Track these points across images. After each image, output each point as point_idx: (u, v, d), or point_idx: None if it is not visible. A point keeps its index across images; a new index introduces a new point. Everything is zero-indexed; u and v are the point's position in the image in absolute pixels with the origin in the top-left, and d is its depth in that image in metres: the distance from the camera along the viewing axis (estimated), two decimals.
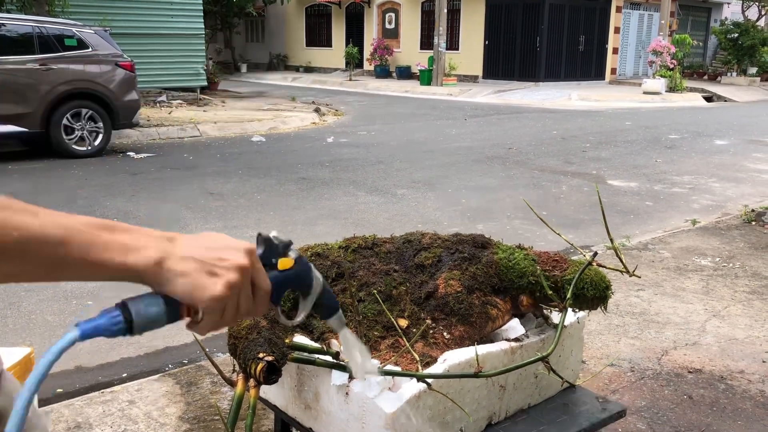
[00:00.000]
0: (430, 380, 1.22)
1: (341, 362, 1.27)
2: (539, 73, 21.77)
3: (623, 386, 2.88)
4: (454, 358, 1.29)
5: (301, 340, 1.35)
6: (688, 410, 2.69)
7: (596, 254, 1.42)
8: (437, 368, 1.27)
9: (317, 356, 1.31)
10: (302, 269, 0.82)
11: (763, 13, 26.44)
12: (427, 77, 21.13)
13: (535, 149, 9.68)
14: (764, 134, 11.89)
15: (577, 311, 1.50)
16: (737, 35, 24.12)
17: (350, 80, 23.31)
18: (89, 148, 8.68)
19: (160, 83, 14.74)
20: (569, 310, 1.42)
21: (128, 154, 8.90)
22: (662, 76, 19.15)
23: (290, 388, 1.41)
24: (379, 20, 26.08)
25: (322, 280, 0.86)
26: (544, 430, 1.40)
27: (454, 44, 23.28)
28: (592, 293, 1.41)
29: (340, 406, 1.29)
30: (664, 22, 20.88)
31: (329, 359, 1.29)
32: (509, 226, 5.65)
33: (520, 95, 18.88)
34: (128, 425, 2.49)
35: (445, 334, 1.39)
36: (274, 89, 20.80)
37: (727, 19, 26.73)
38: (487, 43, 22.88)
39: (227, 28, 26.46)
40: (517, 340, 1.42)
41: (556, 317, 1.52)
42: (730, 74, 24.30)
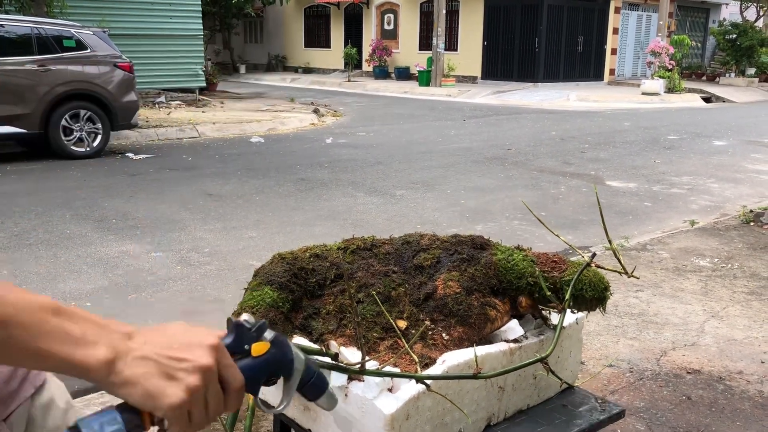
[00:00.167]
0: (429, 381, 1.22)
1: (340, 363, 1.27)
2: (538, 73, 21.79)
3: (622, 387, 2.88)
4: (453, 359, 1.29)
5: (299, 341, 1.35)
6: (686, 411, 2.70)
7: (595, 255, 1.42)
8: (436, 369, 1.27)
9: (316, 357, 1.30)
10: (280, 351, 0.76)
11: (761, 14, 26.47)
12: (425, 78, 21.14)
13: (533, 150, 9.68)
14: (762, 135, 11.91)
15: (575, 312, 1.50)
16: (735, 36, 24.15)
17: (349, 81, 23.32)
18: (88, 149, 8.67)
19: (158, 84, 14.75)
20: (568, 311, 1.42)
21: (127, 155, 8.90)
22: (661, 76, 19.17)
23: None
24: (377, 21, 26.09)
25: (304, 357, 0.80)
26: (543, 431, 1.40)
27: (452, 45, 23.30)
28: (590, 294, 1.41)
29: (339, 407, 1.29)
30: (662, 22, 20.90)
31: (328, 360, 1.29)
32: (508, 226, 5.65)
33: (518, 96, 18.89)
34: None
35: (444, 335, 1.39)
36: (272, 90, 20.80)
37: (725, 20, 26.77)
38: (485, 44, 22.90)
39: (226, 29, 26.47)
40: (516, 341, 1.42)
41: (554, 318, 1.52)
42: (728, 75, 24.33)
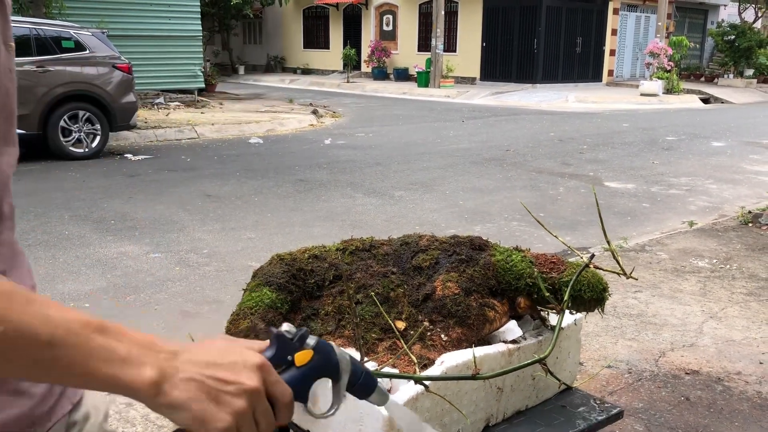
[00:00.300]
0: (427, 382, 1.22)
1: None
2: (536, 75, 21.81)
3: (621, 388, 2.88)
4: (451, 360, 1.29)
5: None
6: (685, 412, 2.70)
7: (593, 256, 1.42)
8: (435, 370, 1.27)
9: None
10: (324, 357, 0.75)
11: (759, 15, 26.51)
12: (424, 79, 21.14)
13: (532, 151, 9.69)
14: (761, 136, 11.92)
15: (574, 313, 1.50)
16: (734, 37, 24.18)
17: (348, 82, 23.32)
18: (86, 150, 8.67)
19: (157, 85, 14.74)
20: (566, 312, 1.43)
21: (126, 156, 8.89)
22: (659, 77, 19.19)
23: None
24: (376, 22, 26.10)
25: (349, 358, 0.79)
26: (541, 431, 1.40)
27: (451, 46, 23.31)
28: (589, 295, 1.41)
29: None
30: (661, 24, 20.92)
31: None
32: (507, 227, 5.65)
33: (517, 97, 18.90)
34: (126, 428, 2.48)
35: (442, 336, 1.39)
36: (271, 91, 20.80)
37: (723, 21, 26.80)
38: (484, 45, 22.91)
39: (225, 30, 26.47)
40: (514, 342, 1.42)
41: (553, 319, 1.52)
42: (726, 76, 24.34)
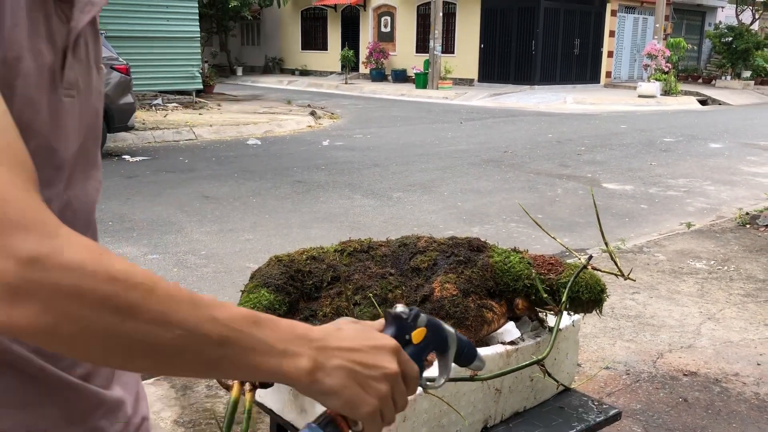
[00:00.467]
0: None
1: None
2: (534, 76, 21.83)
3: (619, 389, 2.89)
4: None
5: None
6: (683, 413, 2.70)
7: (591, 257, 1.42)
8: (432, 371, 1.27)
9: None
10: (436, 333, 0.78)
11: (756, 17, 26.57)
12: (422, 80, 21.16)
13: (530, 152, 9.70)
14: (758, 137, 11.94)
15: (572, 314, 1.50)
16: (731, 39, 24.23)
17: (346, 83, 23.33)
18: None
19: (155, 86, 14.74)
20: (564, 313, 1.43)
21: (123, 157, 8.88)
22: (657, 79, 19.22)
23: (286, 391, 1.41)
24: (374, 24, 26.11)
25: (454, 332, 0.82)
26: None
27: (449, 48, 23.33)
28: (587, 296, 1.42)
29: None
30: (658, 25, 20.96)
31: None
32: (505, 229, 5.66)
33: (515, 98, 18.92)
34: None
35: None
36: (269, 92, 20.80)
37: (721, 22, 26.86)
38: (482, 46, 22.93)
39: (223, 31, 26.46)
40: (512, 343, 1.43)
41: (551, 320, 1.52)
42: (724, 78, 24.39)
